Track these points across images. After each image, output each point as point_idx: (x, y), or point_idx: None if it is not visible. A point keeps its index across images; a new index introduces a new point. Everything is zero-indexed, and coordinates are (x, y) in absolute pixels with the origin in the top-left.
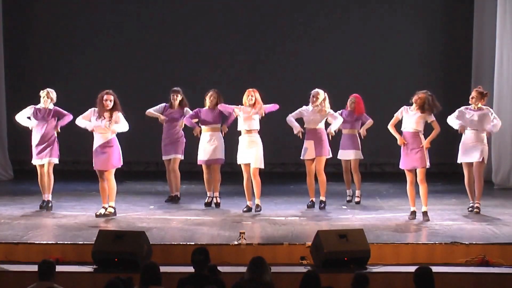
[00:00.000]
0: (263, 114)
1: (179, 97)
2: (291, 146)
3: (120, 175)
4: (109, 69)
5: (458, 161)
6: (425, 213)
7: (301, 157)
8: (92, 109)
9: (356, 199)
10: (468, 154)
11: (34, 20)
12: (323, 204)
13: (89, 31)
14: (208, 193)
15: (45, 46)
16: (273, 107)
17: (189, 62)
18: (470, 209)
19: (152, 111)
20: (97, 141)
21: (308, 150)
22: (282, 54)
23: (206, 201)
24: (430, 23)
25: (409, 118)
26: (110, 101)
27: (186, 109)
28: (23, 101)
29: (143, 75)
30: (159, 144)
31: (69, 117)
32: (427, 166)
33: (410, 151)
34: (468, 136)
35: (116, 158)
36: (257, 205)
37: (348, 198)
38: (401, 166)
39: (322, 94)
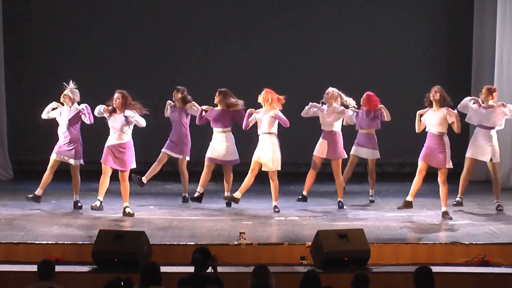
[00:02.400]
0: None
1: (181, 95)
2: (292, 147)
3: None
4: (111, 69)
5: (467, 156)
6: (445, 213)
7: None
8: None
9: (370, 198)
10: (479, 152)
11: (34, 19)
12: (341, 204)
13: (91, 31)
14: (198, 187)
15: (45, 46)
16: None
17: (193, 62)
18: (454, 203)
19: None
20: (113, 139)
21: (321, 148)
22: (289, 53)
23: (195, 195)
24: (430, 23)
25: (432, 118)
26: (119, 99)
27: (193, 103)
28: (23, 101)
29: (146, 75)
30: (159, 143)
31: (89, 121)
32: (450, 167)
33: (435, 149)
34: (479, 134)
35: (131, 159)
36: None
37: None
38: (424, 160)
39: (334, 93)
